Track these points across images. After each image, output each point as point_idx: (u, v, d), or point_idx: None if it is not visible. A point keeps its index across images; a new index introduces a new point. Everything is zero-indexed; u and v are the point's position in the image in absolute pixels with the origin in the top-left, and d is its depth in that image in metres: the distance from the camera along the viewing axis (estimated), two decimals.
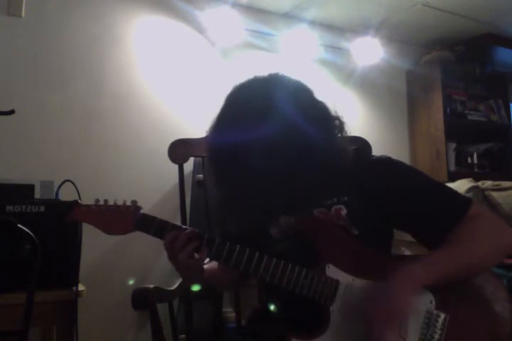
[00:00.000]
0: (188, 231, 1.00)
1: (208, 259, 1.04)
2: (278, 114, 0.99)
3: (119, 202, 1.02)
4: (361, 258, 1.01)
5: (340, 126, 1.09)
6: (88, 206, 1.01)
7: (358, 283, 0.98)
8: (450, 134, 3.06)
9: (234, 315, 1.50)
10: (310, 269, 0.98)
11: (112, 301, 2.10)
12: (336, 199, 1.06)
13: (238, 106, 1.04)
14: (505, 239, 1.00)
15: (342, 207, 1.05)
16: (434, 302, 0.97)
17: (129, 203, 1.02)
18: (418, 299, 0.96)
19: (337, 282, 0.98)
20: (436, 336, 0.95)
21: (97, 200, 1.02)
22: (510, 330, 0.97)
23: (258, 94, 1.02)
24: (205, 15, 2.53)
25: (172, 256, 1.01)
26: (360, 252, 1.02)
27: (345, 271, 0.99)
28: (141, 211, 1.01)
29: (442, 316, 0.96)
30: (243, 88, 1.08)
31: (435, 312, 0.97)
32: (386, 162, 1.10)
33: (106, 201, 1.02)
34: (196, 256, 1.00)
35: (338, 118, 1.09)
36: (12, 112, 1.22)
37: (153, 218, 1.01)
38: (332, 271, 0.99)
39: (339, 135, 1.08)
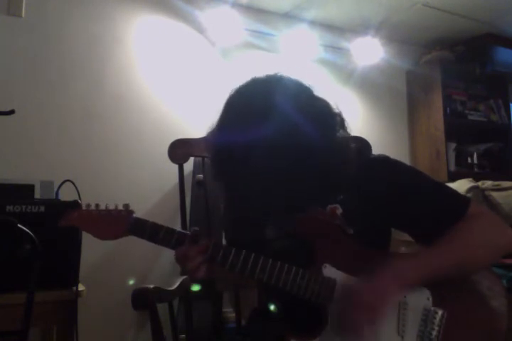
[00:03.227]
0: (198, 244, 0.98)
1: None
2: (278, 117, 0.98)
3: (111, 207, 1.00)
4: (358, 258, 1.01)
5: (342, 122, 1.08)
6: (79, 211, 1.00)
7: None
8: (450, 134, 3.06)
9: (234, 315, 1.50)
10: (306, 269, 0.98)
11: (111, 301, 2.10)
12: (331, 198, 1.06)
13: (238, 110, 1.03)
14: (503, 238, 1.00)
15: (337, 206, 1.05)
16: (431, 298, 0.97)
17: (121, 207, 1.00)
18: (414, 296, 0.96)
19: (334, 282, 0.98)
20: (434, 333, 0.95)
21: (88, 205, 1.00)
22: (507, 325, 0.97)
23: (257, 98, 1.02)
24: (205, 15, 2.53)
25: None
26: (357, 251, 1.01)
27: (342, 271, 0.99)
28: (134, 215, 1.00)
29: (440, 312, 0.96)
30: (242, 91, 1.07)
31: (432, 308, 0.97)
32: (385, 161, 1.09)
33: (97, 205, 1.00)
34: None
35: (338, 114, 1.08)
36: (12, 112, 1.22)
37: (147, 222, 0.99)
38: (329, 271, 0.99)
39: (340, 132, 1.07)
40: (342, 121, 1.08)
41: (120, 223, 0.99)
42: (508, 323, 0.98)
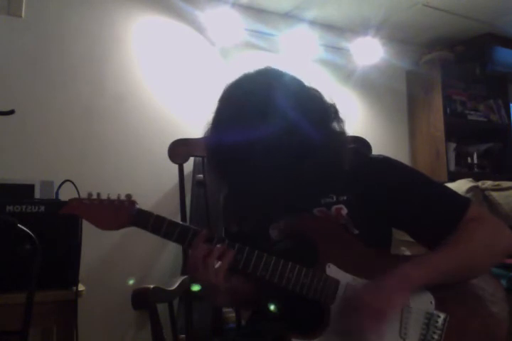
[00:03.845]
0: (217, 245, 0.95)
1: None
2: (274, 113, 0.97)
3: (113, 197, 0.99)
4: (362, 258, 1.01)
5: (336, 114, 1.06)
6: (80, 200, 0.99)
7: (358, 282, 0.98)
8: (450, 134, 3.06)
9: (234, 315, 1.49)
10: (310, 268, 0.98)
11: (111, 301, 2.10)
12: (335, 198, 1.05)
13: (235, 108, 1.02)
14: (504, 241, 1.00)
15: (342, 206, 1.04)
16: (433, 302, 0.97)
17: (123, 197, 0.99)
18: (417, 299, 0.96)
19: (337, 281, 0.98)
20: (436, 336, 0.95)
21: (90, 194, 0.99)
22: (508, 331, 0.97)
23: (251, 94, 1.00)
24: (205, 15, 2.53)
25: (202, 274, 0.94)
26: (361, 252, 1.01)
27: (346, 271, 0.99)
28: (137, 206, 0.99)
29: (442, 316, 0.96)
30: (236, 88, 1.06)
31: (435, 312, 0.97)
32: (385, 161, 1.09)
33: (99, 195, 0.99)
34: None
35: (332, 106, 1.06)
36: (12, 112, 1.22)
37: (150, 213, 0.98)
38: (332, 271, 0.99)
39: (335, 123, 1.05)
40: (336, 112, 1.06)
41: (122, 213, 0.97)
42: (510, 329, 0.98)
